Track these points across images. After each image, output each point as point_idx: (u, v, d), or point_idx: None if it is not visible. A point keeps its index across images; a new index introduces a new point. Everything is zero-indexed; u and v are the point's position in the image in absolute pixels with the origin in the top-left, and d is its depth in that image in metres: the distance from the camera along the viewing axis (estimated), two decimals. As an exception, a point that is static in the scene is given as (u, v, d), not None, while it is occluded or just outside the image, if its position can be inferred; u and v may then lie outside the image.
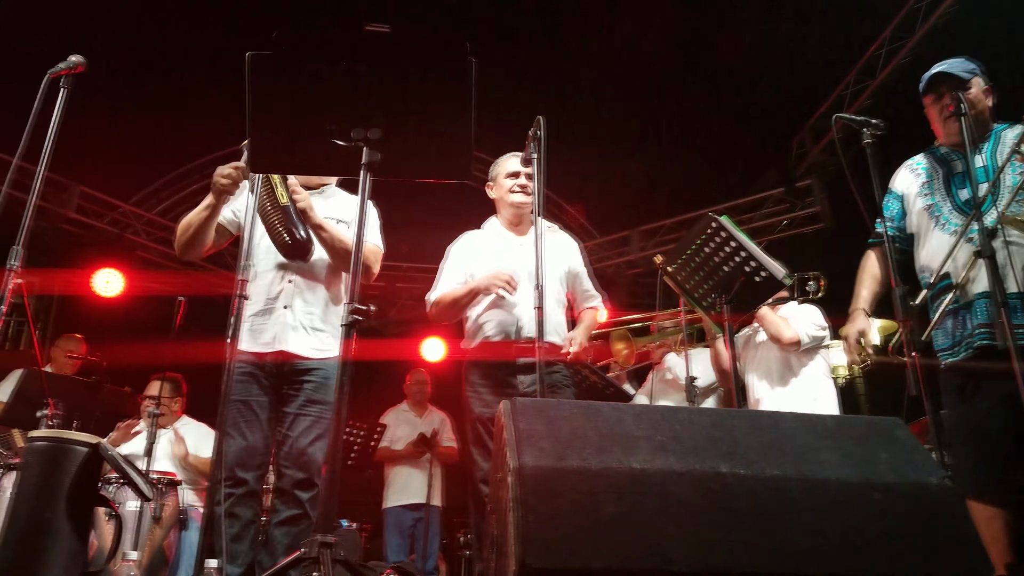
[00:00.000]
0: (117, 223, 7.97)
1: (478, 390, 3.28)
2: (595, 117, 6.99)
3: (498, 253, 3.45)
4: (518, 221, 3.55)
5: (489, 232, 3.62)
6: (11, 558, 2.01)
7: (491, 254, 3.46)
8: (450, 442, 6.45)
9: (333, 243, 3.04)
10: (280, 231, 2.98)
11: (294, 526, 2.83)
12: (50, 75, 2.61)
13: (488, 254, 3.47)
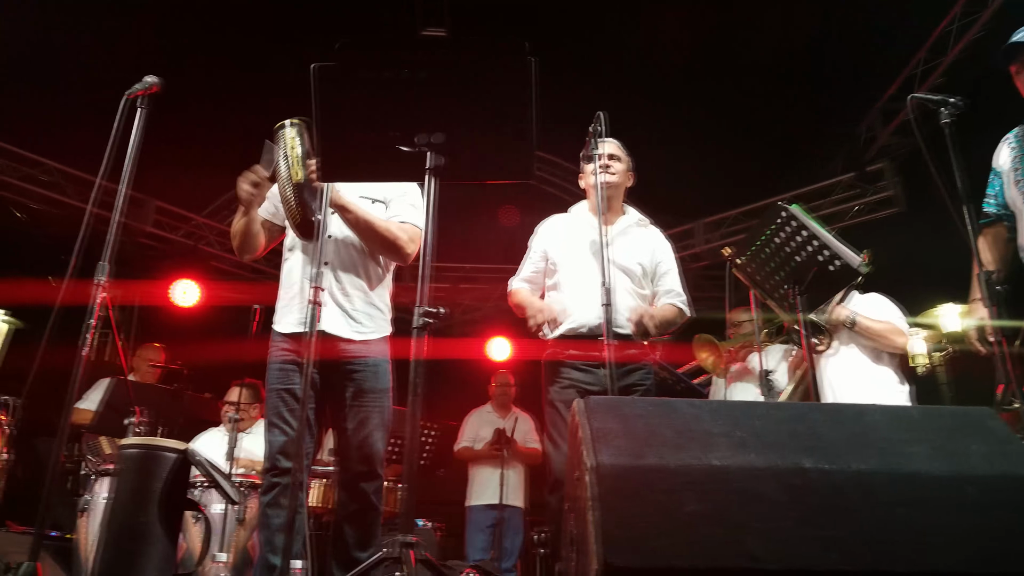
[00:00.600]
0: (191, 235, 8.24)
1: (557, 380, 3.26)
2: (654, 109, 6.90)
3: (576, 239, 3.44)
4: (604, 206, 3.41)
5: (574, 216, 3.59)
6: (109, 560, 2.11)
7: (572, 239, 3.45)
8: (534, 443, 6.48)
9: (359, 223, 3.01)
10: (294, 209, 2.92)
11: (362, 519, 2.85)
12: (127, 96, 2.70)
13: (569, 239, 3.46)
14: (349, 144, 2.40)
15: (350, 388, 2.95)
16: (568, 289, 3.37)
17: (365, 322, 3.04)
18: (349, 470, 2.91)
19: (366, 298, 3.07)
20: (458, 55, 2.30)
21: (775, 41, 6.47)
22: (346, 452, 2.93)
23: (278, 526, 2.79)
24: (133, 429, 4.24)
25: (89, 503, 3.79)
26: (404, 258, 3.13)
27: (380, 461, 2.91)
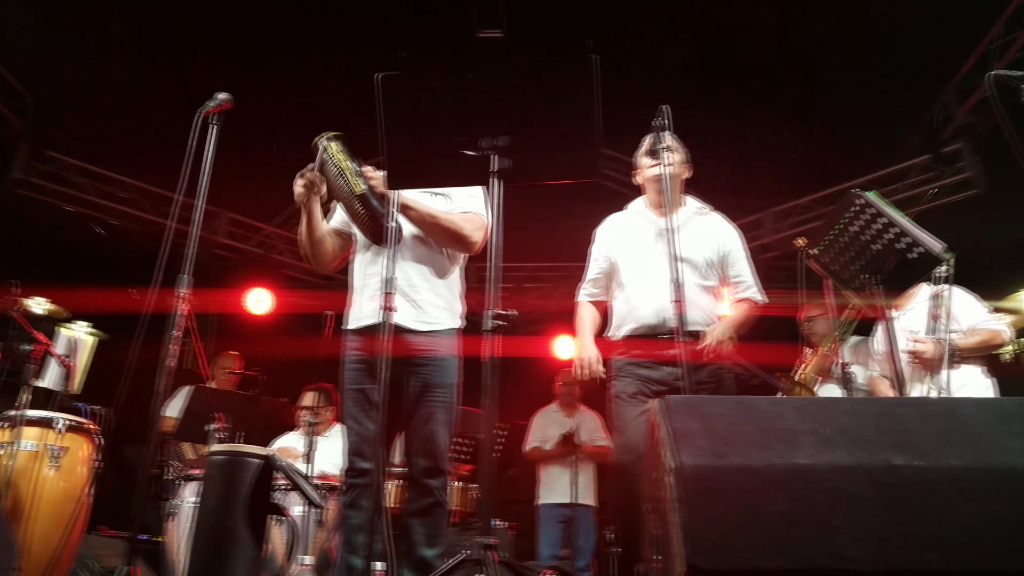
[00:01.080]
0: (262, 244, 8.45)
1: (623, 380, 3.22)
2: (716, 97, 6.79)
3: (637, 236, 3.39)
4: (660, 201, 3.38)
5: (632, 213, 3.54)
6: (200, 563, 2.18)
7: (631, 237, 3.41)
8: (602, 441, 6.45)
9: (423, 219, 3.05)
10: (365, 219, 2.97)
11: (429, 515, 2.86)
12: (201, 113, 2.78)
13: (628, 237, 3.42)
14: (415, 151, 2.43)
15: (416, 383, 2.96)
16: (631, 287, 3.33)
17: (431, 311, 3.05)
18: (414, 466, 2.93)
19: (432, 288, 3.09)
20: (520, 56, 2.30)
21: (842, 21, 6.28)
22: (411, 448, 2.95)
23: (356, 526, 2.82)
24: (214, 435, 4.37)
25: (176, 507, 3.91)
26: (469, 247, 3.14)
27: (444, 457, 2.93)
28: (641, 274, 3.30)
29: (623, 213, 3.57)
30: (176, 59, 6.53)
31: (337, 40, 6.63)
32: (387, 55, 2.42)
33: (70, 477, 3.52)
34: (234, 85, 3.07)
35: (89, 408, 4.07)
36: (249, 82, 6.64)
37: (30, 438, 3.45)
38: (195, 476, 3.93)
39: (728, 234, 3.46)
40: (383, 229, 2.96)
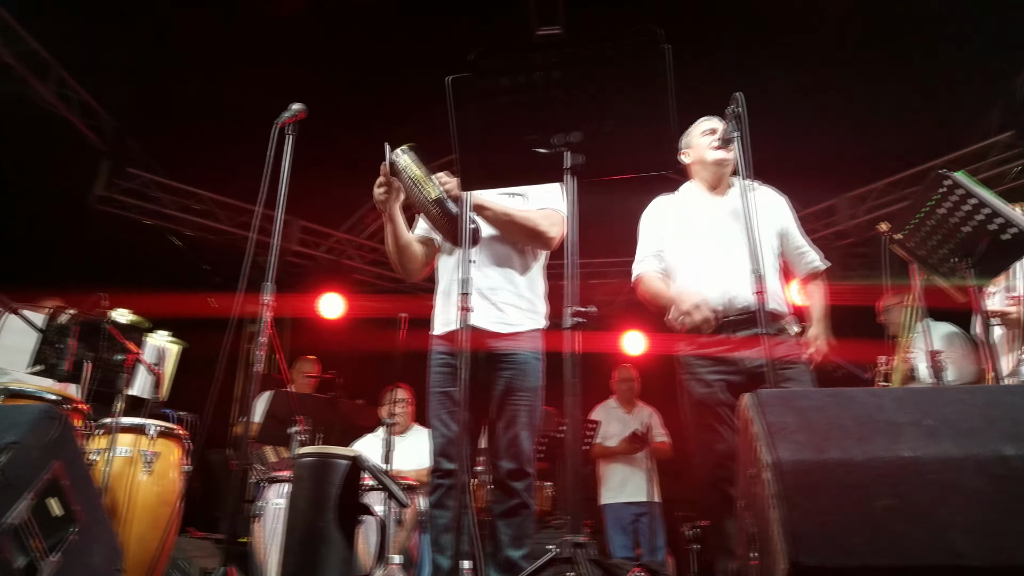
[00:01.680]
0: (332, 250, 8.62)
1: (696, 371, 3.09)
2: (781, 80, 6.61)
3: (696, 216, 3.29)
4: (717, 182, 3.34)
5: (684, 194, 3.44)
6: (294, 564, 2.23)
7: (688, 218, 3.30)
8: (662, 437, 6.38)
9: (498, 218, 3.05)
10: (443, 223, 2.99)
11: (515, 516, 2.86)
12: (278, 124, 2.84)
13: (684, 218, 3.31)
14: (487, 152, 2.43)
15: (499, 385, 2.97)
16: (694, 271, 3.21)
17: (512, 314, 3.04)
18: (499, 468, 2.94)
19: (513, 290, 3.08)
20: (590, 50, 2.28)
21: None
22: (496, 450, 2.96)
23: (443, 526, 2.85)
24: (297, 438, 4.47)
25: (262, 509, 4.01)
26: (547, 243, 3.13)
27: (529, 460, 2.93)
28: (704, 257, 3.19)
29: (673, 196, 3.47)
30: (245, 74, 6.70)
31: (399, 46, 6.70)
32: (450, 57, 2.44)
33: (163, 481, 3.64)
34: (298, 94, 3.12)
35: (176, 414, 4.21)
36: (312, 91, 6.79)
37: (124, 444, 3.59)
38: (279, 478, 4.01)
39: (781, 206, 3.38)
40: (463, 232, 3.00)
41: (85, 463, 2.09)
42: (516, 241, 3.14)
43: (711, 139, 3.28)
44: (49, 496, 1.95)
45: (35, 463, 1.90)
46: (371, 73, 7.01)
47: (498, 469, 2.93)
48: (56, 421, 1.93)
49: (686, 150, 3.45)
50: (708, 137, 3.31)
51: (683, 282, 3.22)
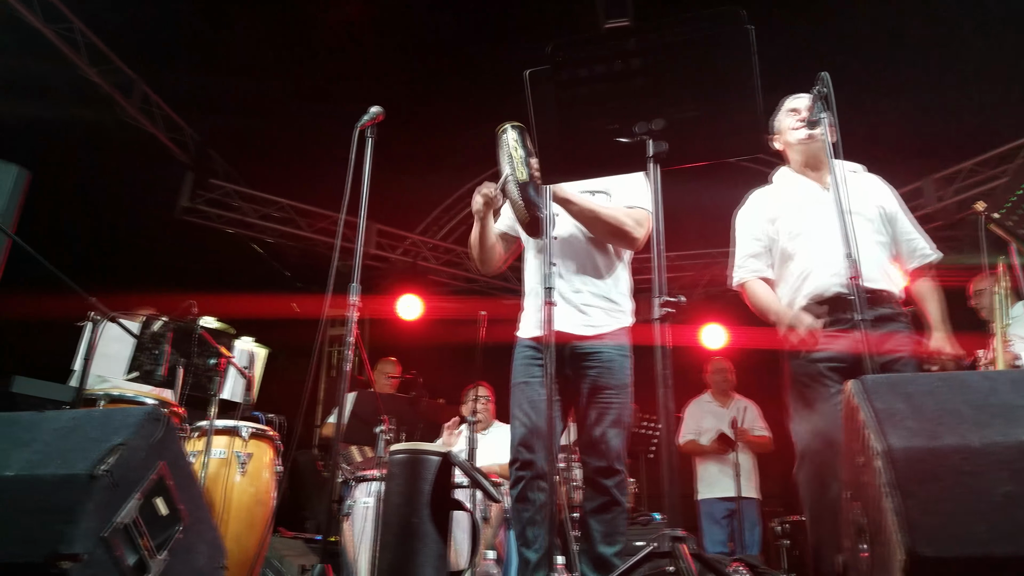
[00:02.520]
0: (408, 252, 8.74)
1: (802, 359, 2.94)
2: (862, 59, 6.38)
3: (797, 202, 3.15)
4: (813, 164, 3.17)
5: (781, 183, 3.30)
6: (389, 560, 2.25)
7: (788, 206, 3.16)
8: (761, 431, 6.23)
9: (583, 214, 3.01)
10: (522, 208, 2.97)
11: (606, 513, 2.82)
12: (359, 127, 2.89)
13: (784, 207, 3.17)
14: (568, 144, 2.41)
15: (586, 384, 2.94)
16: (802, 257, 3.08)
17: (596, 316, 3.01)
18: (588, 466, 2.91)
19: (597, 291, 3.05)
20: (671, 34, 2.24)
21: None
22: (586, 448, 2.93)
23: (527, 520, 2.82)
24: (382, 437, 4.53)
25: (350, 508, 4.08)
26: (632, 243, 3.09)
27: (619, 457, 2.89)
28: (812, 242, 3.06)
29: (768, 187, 3.34)
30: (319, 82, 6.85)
31: (470, 47, 6.74)
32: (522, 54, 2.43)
33: (256, 482, 3.74)
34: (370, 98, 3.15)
35: (265, 416, 4.33)
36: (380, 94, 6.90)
37: (219, 446, 3.70)
38: (366, 477, 4.08)
39: (887, 192, 3.22)
40: (538, 220, 2.98)
41: (188, 463, 2.15)
42: (600, 238, 3.10)
43: (795, 118, 3.16)
44: (156, 496, 2.02)
45: (142, 464, 1.97)
46: (442, 75, 7.08)
47: (587, 466, 2.91)
48: (160, 422, 2.00)
49: (775, 135, 3.32)
50: (792, 118, 3.19)
51: (791, 274, 3.11)
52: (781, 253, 3.16)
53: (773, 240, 3.19)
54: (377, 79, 6.66)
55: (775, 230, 3.18)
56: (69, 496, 1.76)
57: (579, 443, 2.99)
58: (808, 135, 3.08)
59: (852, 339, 2.85)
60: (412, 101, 6.97)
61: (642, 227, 3.07)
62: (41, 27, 5.92)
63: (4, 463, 1.90)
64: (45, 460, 1.88)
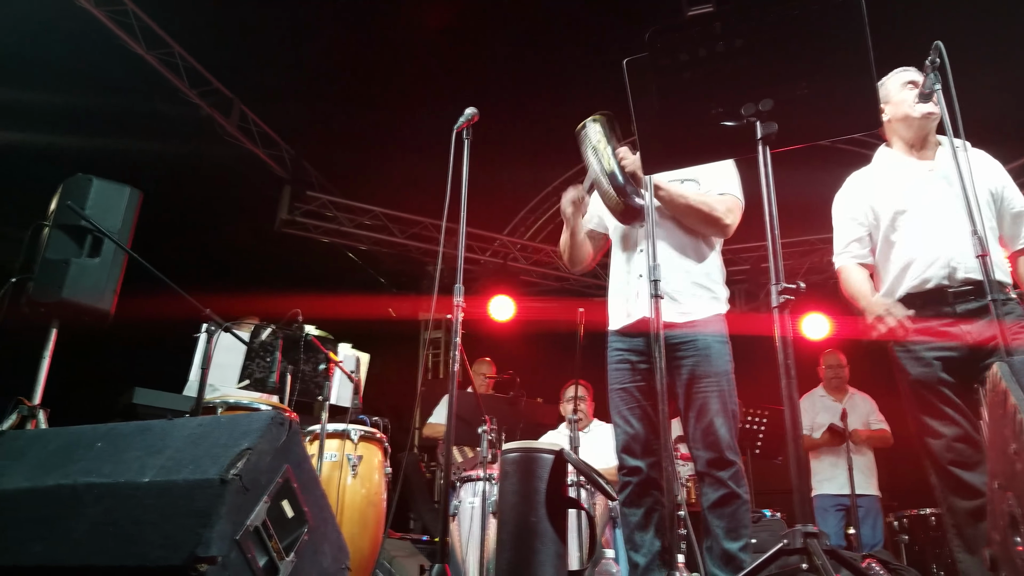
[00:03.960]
0: (497, 254, 8.79)
1: (912, 349, 2.80)
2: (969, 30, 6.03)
3: (900, 184, 2.98)
4: (921, 142, 3.00)
5: (880, 163, 3.13)
6: (508, 559, 2.25)
7: (893, 187, 2.99)
8: (878, 424, 5.98)
9: (673, 200, 2.96)
10: (612, 196, 2.97)
11: (726, 507, 2.73)
12: (456, 129, 2.90)
13: (889, 187, 3.00)
14: (670, 131, 2.35)
15: (684, 374, 2.87)
16: (907, 240, 2.93)
17: (688, 302, 2.95)
18: (699, 460, 2.83)
19: (689, 277, 2.99)
20: (775, 11, 2.15)
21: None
22: (694, 441, 2.85)
23: (634, 524, 2.81)
24: (485, 437, 4.55)
25: (458, 508, 4.11)
26: (723, 230, 3.03)
27: (729, 446, 2.79)
28: (918, 224, 2.90)
29: (868, 168, 3.18)
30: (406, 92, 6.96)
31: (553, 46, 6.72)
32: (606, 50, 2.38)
33: (367, 483, 3.82)
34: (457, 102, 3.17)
35: (371, 419, 4.41)
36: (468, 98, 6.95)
37: (331, 450, 3.79)
38: (471, 477, 4.11)
39: (998, 168, 3.02)
40: (629, 208, 2.97)
41: (311, 466, 2.20)
42: (690, 224, 3.04)
43: (914, 93, 2.96)
44: (282, 498, 2.06)
45: (269, 467, 2.01)
46: (526, 77, 7.08)
47: (698, 460, 2.83)
48: (284, 426, 2.04)
49: (883, 106, 3.10)
50: (910, 91, 3.00)
51: (893, 263, 2.97)
52: (883, 240, 3.02)
53: (874, 225, 3.06)
54: (459, 83, 6.72)
55: (876, 215, 3.04)
56: (203, 500, 1.81)
57: (686, 437, 2.91)
58: (928, 113, 2.92)
59: (959, 332, 2.71)
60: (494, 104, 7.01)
61: (732, 213, 3.02)
62: (143, 53, 6.21)
63: (140, 470, 1.97)
64: (178, 466, 1.94)
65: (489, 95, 6.87)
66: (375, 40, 6.72)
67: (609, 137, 3.01)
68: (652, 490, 2.84)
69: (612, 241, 3.28)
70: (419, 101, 6.78)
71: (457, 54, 6.79)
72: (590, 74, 6.41)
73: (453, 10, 6.48)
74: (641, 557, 2.77)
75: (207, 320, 3.42)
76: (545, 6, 6.50)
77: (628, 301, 3.03)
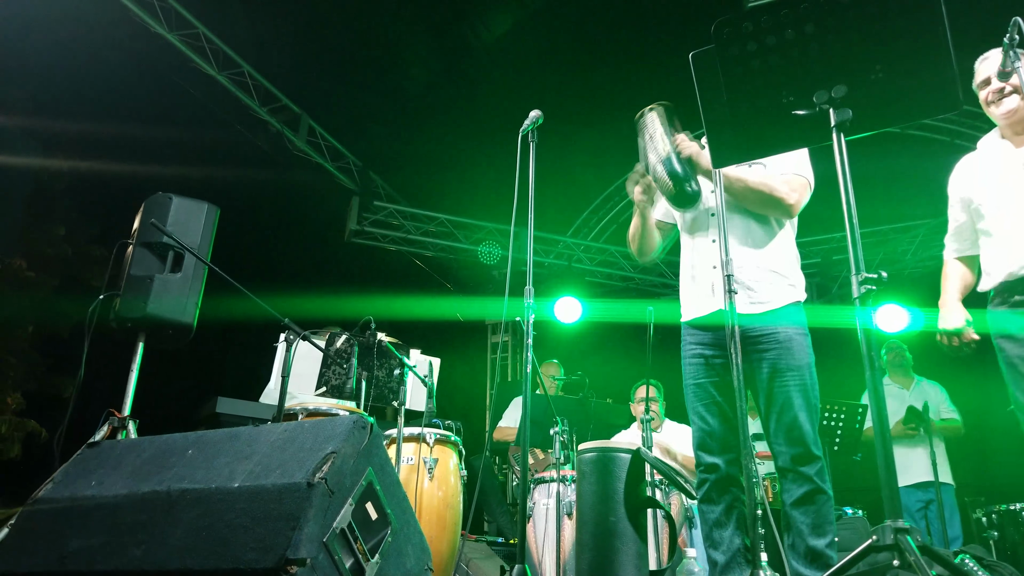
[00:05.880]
0: (562, 255, 8.79)
1: (1012, 333, 2.74)
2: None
3: (995, 172, 2.91)
4: (1019, 128, 2.89)
5: (985, 149, 3.05)
6: (588, 560, 2.24)
7: (994, 174, 2.92)
8: (948, 413, 5.78)
9: (731, 185, 2.88)
10: (665, 181, 2.93)
11: (811, 503, 2.67)
12: (522, 134, 2.92)
13: (990, 175, 2.94)
14: (740, 123, 2.32)
15: (764, 368, 2.81)
16: (1002, 230, 2.86)
17: (762, 290, 2.88)
18: (781, 455, 2.77)
19: (761, 264, 2.92)
20: (845, -4, 2.10)
21: None
22: (775, 437, 2.79)
23: (713, 521, 2.78)
24: (557, 438, 4.55)
25: (532, 510, 4.12)
26: (787, 210, 2.95)
27: (814, 441, 2.73)
28: (1010, 217, 2.83)
29: (975, 153, 3.09)
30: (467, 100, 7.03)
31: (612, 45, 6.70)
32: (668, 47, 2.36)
33: (444, 486, 3.86)
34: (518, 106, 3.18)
35: (444, 422, 4.46)
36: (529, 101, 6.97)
37: (407, 453, 3.84)
38: (544, 479, 4.11)
39: None
40: (684, 193, 2.94)
41: (392, 468, 2.24)
42: (752, 208, 2.98)
43: (987, 91, 2.90)
44: (366, 501, 2.10)
45: (352, 471, 2.06)
46: (584, 74, 7.07)
47: (780, 456, 2.77)
48: (366, 431, 2.08)
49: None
50: (984, 89, 2.92)
51: (988, 254, 2.92)
52: (983, 228, 2.97)
53: (976, 213, 3.00)
54: (522, 86, 6.75)
55: (976, 203, 2.98)
56: (291, 504, 1.86)
57: (767, 433, 2.85)
58: (1008, 110, 2.84)
59: None
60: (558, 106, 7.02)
61: (796, 192, 2.94)
62: (215, 74, 6.43)
63: (230, 475, 2.04)
64: (266, 471, 2.00)
65: (552, 97, 6.91)
66: (439, 47, 6.82)
67: (667, 125, 2.97)
68: (731, 487, 2.80)
69: (682, 231, 3.24)
70: (482, 106, 6.83)
71: (521, 58, 6.83)
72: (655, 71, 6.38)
73: (517, 15, 6.53)
74: (720, 555, 2.74)
75: (286, 329, 3.50)
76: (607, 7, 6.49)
77: (701, 294, 2.98)
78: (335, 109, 7.22)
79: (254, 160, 6.86)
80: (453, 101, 7.22)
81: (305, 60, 6.71)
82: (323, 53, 6.69)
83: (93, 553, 1.96)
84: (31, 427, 7.19)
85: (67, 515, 2.04)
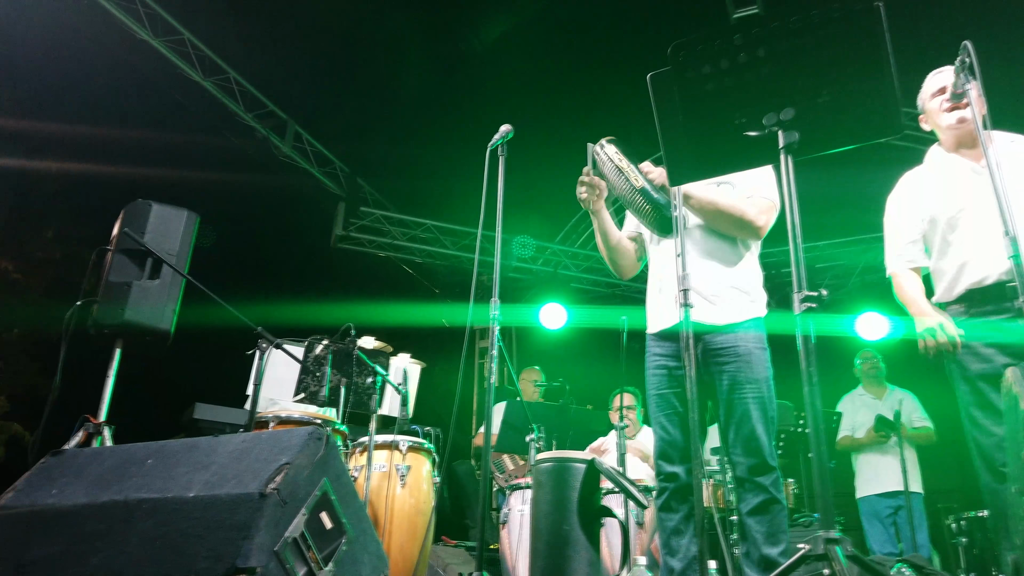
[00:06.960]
0: (549, 262, 8.85)
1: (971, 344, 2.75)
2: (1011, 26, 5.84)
3: (949, 187, 2.95)
4: (968, 142, 2.95)
5: (932, 163, 3.10)
6: (542, 567, 2.29)
7: (940, 190, 2.97)
8: (921, 422, 5.85)
9: (704, 208, 2.97)
10: (649, 213, 2.98)
11: (766, 513, 2.74)
12: (490, 148, 2.97)
13: (944, 187, 2.97)
14: (694, 143, 2.38)
15: (724, 380, 2.88)
16: (962, 241, 2.90)
17: (725, 305, 2.94)
18: (739, 465, 2.84)
19: (726, 280, 2.99)
20: (794, 20, 2.16)
21: None
22: (733, 447, 2.86)
23: (671, 529, 2.84)
24: (534, 445, 4.60)
25: (507, 516, 4.17)
26: (755, 232, 3.01)
27: (770, 453, 2.80)
28: (968, 229, 2.88)
29: (919, 169, 3.15)
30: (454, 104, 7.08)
31: (596, 53, 6.75)
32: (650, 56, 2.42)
33: (416, 493, 3.91)
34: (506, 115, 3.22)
35: (423, 429, 4.50)
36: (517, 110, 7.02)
37: (380, 460, 3.89)
38: (520, 485, 4.15)
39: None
40: (667, 220, 2.98)
41: (349, 479, 2.28)
42: (722, 229, 3.04)
43: (942, 99, 2.95)
44: (320, 511, 2.15)
45: (307, 481, 2.10)
46: (571, 83, 7.12)
47: (738, 466, 2.83)
48: (322, 442, 2.13)
49: (922, 115, 3.14)
50: (938, 100, 2.99)
51: (949, 264, 2.94)
52: (940, 241, 2.99)
53: (929, 227, 3.03)
54: (510, 94, 6.79)
55: (929, 217, 3.01)
56: (243, 514, 1.91)
57: (725, 443, 2.91)
58: (959, 119, 2.90)
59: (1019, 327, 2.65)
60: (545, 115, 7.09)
61: (764, 215, 3.00)
62: (201, 80, 6.47)
63: (187, 485, 2.08)
64: (222, 481, 2.05)
65: (541, 105, 6.96)
66: (427, 53, 6.86)
67: (624, 156, 3.03)
68: (690, 496, 2.85)
69: (648, 245, 3.29)
70: (471, 112, 6.88)
71: (510, 65, 6.88)
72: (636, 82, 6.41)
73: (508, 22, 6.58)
74: (677, 562, 2.80)
75: (259, 337, 3.54)
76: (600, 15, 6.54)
77: (665, 305, 3.04)
78: (321, 115, 7.26)
79: (241, 165, 6.91)
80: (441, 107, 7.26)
81: (291, 66, 6.76)
82: (309, 59, 6.73)
83: (52, 562, 2.01)
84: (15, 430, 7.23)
85: (27, 523, 2.09)
